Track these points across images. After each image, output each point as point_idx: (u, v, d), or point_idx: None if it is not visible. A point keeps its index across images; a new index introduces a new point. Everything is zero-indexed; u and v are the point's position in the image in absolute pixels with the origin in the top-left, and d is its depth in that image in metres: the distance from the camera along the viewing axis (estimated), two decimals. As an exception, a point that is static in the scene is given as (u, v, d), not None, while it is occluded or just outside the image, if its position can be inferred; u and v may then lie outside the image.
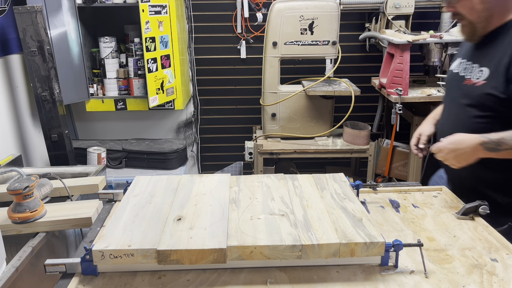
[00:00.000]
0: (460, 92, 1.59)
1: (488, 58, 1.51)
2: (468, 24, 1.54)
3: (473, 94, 1.52)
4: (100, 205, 1.52)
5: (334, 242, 1.11)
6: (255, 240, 1.12)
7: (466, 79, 1.57)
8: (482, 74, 1.51)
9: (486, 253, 1.23)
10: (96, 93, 3.09)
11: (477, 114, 1.52)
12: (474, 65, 1.56)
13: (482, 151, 1.42)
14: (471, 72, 1.55)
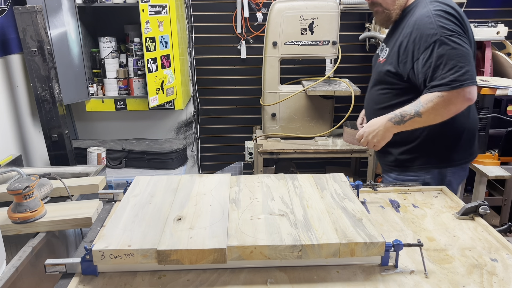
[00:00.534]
0: (374, 71, 1.88)
1: (392, 39, 1.77)
2: (383, 11, 1.76)
3: (378, 70, 1.81)
4: (100, 205, 1.52)
5: (334, 242, 1.11)
6: (255, 240, 1.12)
7: (378, 58, 1.85)
8: (385, 53, 1.79)
9: (486, 253, 1.23)
10: (96, 93, 3.09)
11: (380, 87, 1.82)
12: (386, 47, 1.83)
13: (393, 126, 1.66)
14: (384, 52, 1.82)
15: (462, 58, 1.55)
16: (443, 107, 1.56)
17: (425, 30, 1.59)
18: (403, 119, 1.64)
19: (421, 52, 1.60)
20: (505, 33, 2.89)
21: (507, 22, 3.05)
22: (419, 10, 1.67)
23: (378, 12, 1.79)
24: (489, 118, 2.37)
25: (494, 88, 2.35)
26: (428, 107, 1.58)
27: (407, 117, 1.63)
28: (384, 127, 1.68)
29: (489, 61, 2.92)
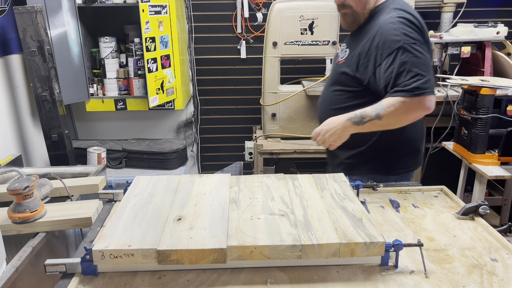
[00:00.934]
0: (333, 70, 1.87)
1: (354, 42, 1.74)
2: (351, 14, 1.72)
3: (336, 70, 1.80)
4: (100, 205, 1.52)
5: (334, 242, 1.11)
6: (255, 240, 1.12)
7: (338, 58, 1.83)
8: (345, 54, 1.77)
9: (486, 253, 1.23)
10: (96, 93, 3.09)
11: (336, 88, 1.80)
12: (347, 48, 1.80)
13: (351, 126, 1.62)
14: (341, 52, 1.82)
15: (424, 66, 1.55)
16: (404, 113, 1.56)
17: (389, 36, 1.58)
18: (362, 120, 1.60)
19: (384, 57, 1.59)
20: (505, 33, 2.89)
21: (507, 22, 3.05)
22: (383, 15, 1.65)
23: (346, 15, 1.74)
24: (489, 118, 2.37)
25: (494, 88, 2.35)
26: (389, 111, 1.55)
27: (367, 118, 1.59)
28: (343, 126, 1.63)
29: (489, 61, 2.92)
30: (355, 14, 1.71)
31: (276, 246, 1.10)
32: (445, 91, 2.84)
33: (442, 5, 3.20)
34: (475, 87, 2.39)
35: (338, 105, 1.77)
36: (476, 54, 2.96)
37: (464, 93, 2.52)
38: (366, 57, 1.65)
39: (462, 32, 2.93)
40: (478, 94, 2.36)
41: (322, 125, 1.69)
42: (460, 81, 2.51)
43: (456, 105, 2.67)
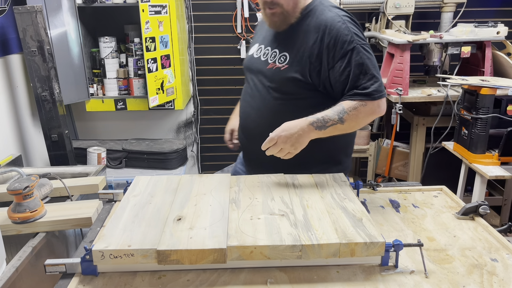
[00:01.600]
0: (265, 76, 1.64)
1: (289, 44, 1.59)
2: (281, 13, 1.55)
3: (278, 77, 1.60)
4: (100, 205, 1.52)
5: (334, 242, 1.11)
6: (255, 240, 1.12)
7: (269, 63, 1.62)
8: (285, 59, 1.59)
9: (486, 253, 1.23)
10: (96, 93, 3.09)
11: (280, 96, 1.61)
12: (274, 50, 1.63)
13: (314, 131, 1.47)
14: (274, 57, 1.62)
15: (375, 68, 1.53)
16: (365, 116, 1.51)
17: (340, 37, 1.49)
18: (325, 125, 1.47)
19: (337, 59, 1.50)
20: (505, 33, 2.89)
21: (507, 22, 3.05)
22: (324, 14, 1.54)
23: (275, 14, 1.55)
24: (489, 118, 2.37)
25: (494, 88, 2.35)
26: (351, 114, 1.48)
27: (329, 122, 1.47)
28: (305, 132, 1.45)
29: (489, 61, 2.92)
30: (285, 13, 1.54)
31: (276, 246, 1.10)
32: (445, 91, 2.84)
33: (442, 5, 3.20)
34: (475, 87, 2.39)
35: (288, 114, 1.53)
36: (476, 54, 2.96)
37: (464, 93, 2.52)
38: (317, 60, 1.53)
39: (462, 32, 2.93)
40: (478, 94, 2.36)
41: (279, 131, 1.45)
42: (460, 81, 2.51)
43: (456, 105, 2.67)
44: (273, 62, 1.61)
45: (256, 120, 1.68)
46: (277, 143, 1.44)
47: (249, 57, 1.75)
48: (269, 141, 1.44)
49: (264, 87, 1.65)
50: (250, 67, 1.73)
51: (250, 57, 1.74)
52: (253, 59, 1.71)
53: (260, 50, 1.69)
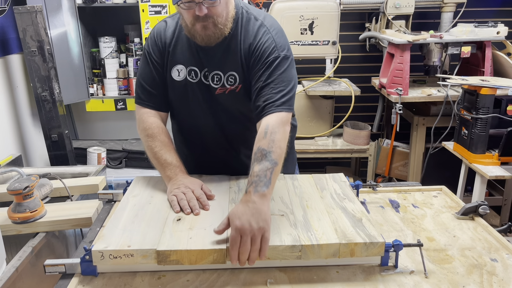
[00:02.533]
0: (218, 103, 1.50)
1: (228, 63, 1.45)
2: (214, 26, 1.37)
3: (238, 101, 1.48)
4: (100, 205, 1.52)
5: (334, 243, 1.11)
6: (255, 240, 1.12)
7: (217, 88, 1.47)
8: (234, 79, 1.46)
9: (486, 253, 1.23)
10: (96, 93, 3.09)
11: (246, 119, 1.51)
12: (213, 72, 1.46)
13: (263, 195, 1.17)
14: (219, 81, 1.47)
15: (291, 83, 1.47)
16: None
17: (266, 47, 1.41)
18: (271, 182, 1.21)
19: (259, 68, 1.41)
20: (505, 33, 2.89)
21: (507, 22, 3.05)
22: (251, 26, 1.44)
23: (208, 27, 1.36)
24: (489, 118, 2.37)
25: (494, 88, 2.35)
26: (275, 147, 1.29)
27: (273, 176, 1.22)
28: (267, 207, 1.16)
29: (489, 61, 2.92)
30: (220, 25, 1.37)
31: (276, 246, 1.10)
32: (445, 91, 2.84)
33: (442, 5, 3.20)
34: (475, 87, 2.39)
35: (250, 138, 1.37)
36: (476, 54, 2.96)
37: (464, 93, 2.52)
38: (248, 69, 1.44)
39: (462, 32, 2.93)
40: (478, 94, 2.36)
41: (246, 220, 1.09)
42: (460, 81, 2.51)
43: (456, 105, 2.67)
44: (220, 85, 1.47)
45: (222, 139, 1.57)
46: (242, 238, 1.08)
47: (179, 83, 1.51)
48: (234, 239, 1.08)
49: (225, 118, 1.53)
50: (186, 95, 1.52)
51: (180, 83, 1.50)
52: (190, 84, 1.50)
53: (191, 72, 1.49)
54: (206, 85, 1.49)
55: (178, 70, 1.50)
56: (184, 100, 1.54)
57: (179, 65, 1.49)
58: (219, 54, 1.45)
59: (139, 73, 1.57)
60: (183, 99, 1.54)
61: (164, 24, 1.52)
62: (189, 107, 1.55)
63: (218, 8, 1.35)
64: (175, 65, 1.49)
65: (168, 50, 1.49)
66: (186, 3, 1.31)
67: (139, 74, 1.57)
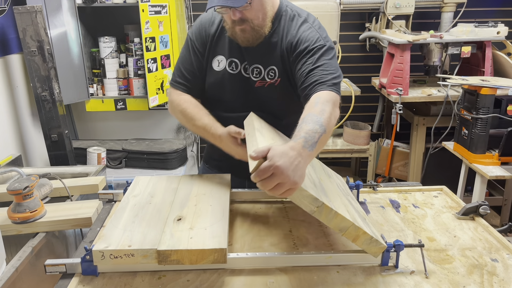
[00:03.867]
0: (255, 97, 1.52)
1: (269, 57, 1.48)
2: (252, 29, 1.40)
3: (276, 94, 1.50)
4: (100, 205, 1.52)
5: (348, 219, 1.09)
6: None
7: (256, 80, 1.50)
8: (274, 73, 1.49)
9: (487, 253, 1.23)
10: (96, 93, 3.09)
11: (278, 117, 1.51)
12: (254, 65, 1.49)
13: (309, 155, 1.10)
14: (259, 74, 1.49)
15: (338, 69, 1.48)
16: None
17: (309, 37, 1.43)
18: (315, 140, 1.13)
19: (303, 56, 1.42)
20: (506, 33, 2.90)
21: (507, 22, 3.05)
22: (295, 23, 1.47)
23: (246, 30, 1.40)
24: (489, 118, 2.37)
25: (494, 88, 2.35)
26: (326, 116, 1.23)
27: (316, 135, 1.13)
28: (304, 159, 1.07)
29: (490, 61, 2.92)
30: (256, 28, 1.41)
31: (302, 189, 1.04)
32: (445, 91, 2.84)
33: (443, 5, 3.20)
34: (475, 87, 2.39)
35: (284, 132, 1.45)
36: (476, 54, 2.96)
37: (464, 93, 2.52)
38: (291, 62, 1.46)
39: (463, 32, 2.93)
40: (479, 94, 2.36)
41: (275, 157, 1.01)
42: (460, 81, 2.51)
43: (456, 105, 2.67)
44: (259, 79, 1.50)
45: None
46: (273, 175, 1.01)
47: (222, 72, 1.53)
48: (263, 172, 1.01)
49: (260, 110, 1.51)
50: (229, 85, 1.54)
51: (223, 72, 1.53)
52: (230, 75, 1.52)
53: (232, 64, 1.52)
54: (246, 78, 1.52)
55: (219, 61, 1.53)
56: (220, 91, 1.56)
57: (220, 55, 1.53)
58: (261, 49, 1.48)
59: (180, 57, 1.59)
60: (220, 90, 1.56)
61: (211, 14, 1.56)
62: (225, 99, 1.57)
63: (252, 12, 1.37)
64: (217, 55, 1.53)
65: (212, 40, 1.53)
66: (220, 8, 1.34)
67: (179, 58, 1.59)
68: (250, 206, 1.50)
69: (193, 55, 1.55)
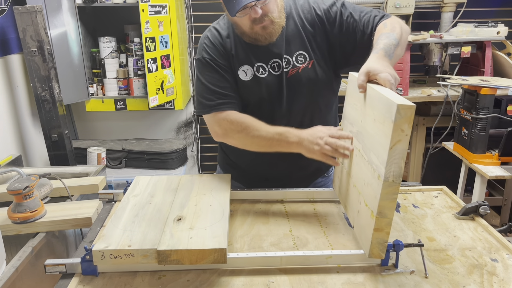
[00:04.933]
0: (292, 89, 1.52)
1: (292, 45, 1.50)
2: (271, 23, 1.42)
3: (314, 75, 1.51)
4: (100, 205, 1.52)
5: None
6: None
7: (288, 70, 1.50)
8: (304, 57, 1.50)
9: (487, 253, 1.23)
10: (96, 93, 3.09)
11: (323, 93, 1.55)
12: (283, 58, 1.50)
13: (389, 63, 1.24)
14: (288, 63, 1.50)
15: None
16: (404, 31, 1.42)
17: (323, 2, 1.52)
18: (392, 51, 1.28)
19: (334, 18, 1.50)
20: (505, 33, 2.89)
21: (507, 22, 3.05)
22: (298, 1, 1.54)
23: (267, 27, 1.42)
24: (489, 118, 2.37)
25: (494, 88, 2.35)
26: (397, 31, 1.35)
27: (392, 47, 1.29)
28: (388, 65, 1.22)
29: (489, 61, 2.92)
30: (276, 20, 1.43)
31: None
32: (445, 91, 2.84)
33: (442, 5, 3.20)
34: (475, 87, 2.39)
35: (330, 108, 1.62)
36: (476, 54, 2.96)
37: (464, 93, 2.52)
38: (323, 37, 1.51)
39: (462, 32, 2.93)
40: (479, 94, 2.36)
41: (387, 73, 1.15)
42: (460, 81, 2.51)
43: (456, 105, 2.67)
44: (290, 67, 1.50)
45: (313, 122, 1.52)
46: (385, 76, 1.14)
47: (261, 79, 1.51)
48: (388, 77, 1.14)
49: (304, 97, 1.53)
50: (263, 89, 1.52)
51: (261, 79, 1.51)
52: (265, 80, 1.51)
53: (259, 68, 1.51)
54: (276, 75, 1.51)
55: (245, 71, 1.51)
56: (255, 97, 1.54)
57: (245, 65, 1.51)
58: (280, 42, 1.49)
59: (203, 83, 1.51)
60: (255, 98, 1.54)
61: (215, 31, 1.53)
62: (261, 102, 1.55)
63: (270, 5, 1.40)
64: (241, 66, 1.51)
65: (231, 53, 1.51)
66: (241, 11, 1.34)
67: (206, 83, 1.50)
68: (250, 206, 1.50)
69: (222, 72, 1.50)
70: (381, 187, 1.02)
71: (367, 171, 1.12)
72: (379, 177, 1.04)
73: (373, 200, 1.07)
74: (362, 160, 1.17)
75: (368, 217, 1.09)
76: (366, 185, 1.12)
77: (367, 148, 1.15)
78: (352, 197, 1.26)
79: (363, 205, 1.13)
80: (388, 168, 1.02)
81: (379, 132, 1.07)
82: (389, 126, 1.00)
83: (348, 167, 1.31)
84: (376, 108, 1.10)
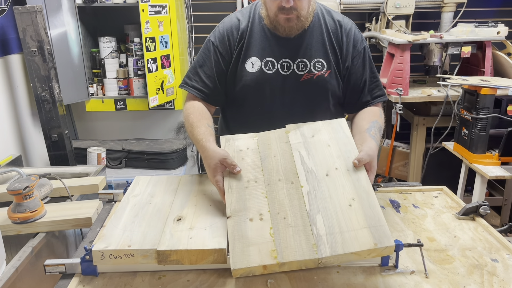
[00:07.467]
0: (299, 92, 1.54)
1: (313, 50, 1.54)
2: (297, 18, 1.46)
3: (327, 84, 1.55)
4: (100, 205, 1.52)
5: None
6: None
7: (303, 74, 1.53)
8: (322, 65, 1.54)
9: (487, 253, 1.23)
10: (96, 93, 3.09)
11: (328, 104, 1.60)
12: (298, 60, 1.53)
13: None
14: (305, 67, 1.53)
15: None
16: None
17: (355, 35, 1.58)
18: (379, 139, 1.49)
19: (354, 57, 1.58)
20: (506, 33, 2.89)
21: (507, 22, 3.05)
22: (333, 15, 1.59)
23: (291, 19, 1.45)
24: (489, 118, 2.37)
25: (494, 88, 2.35)
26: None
27: (378, 135, 1.49)
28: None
29: (490, 61, 2.91)
30: (302, 18, 1.47)
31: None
32: (445, 91, 2.84)
33: (443, 5, 3.20)
34: (475, 87, 2.39)
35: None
36: (476, 54, 2.96)
37: (464, 93, 2.52)
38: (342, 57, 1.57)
39: (463, 32, 2.92)
40: (479, 94, 2.36)
41: (368, 157, 1.33)
42: (460, 81, 2.51)
43: (456, 105, 2.66)
44: (305, 72, 1.53)
45: None
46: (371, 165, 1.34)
47: (264, 75, 1.53)
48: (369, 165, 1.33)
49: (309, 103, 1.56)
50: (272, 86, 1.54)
51: (264, 74, 1.53)
52: (272, 76, 1.53)
53: (268, 64, 1.53)
54: (284, 75, 1.54)
55: (252, 62, 1.54)
56: (256, 91, 1.56)
57: (253, 57, 1.54)
58: (302, 43, 1.53)
59: (197, 60, 1.59)
60: (256, 90, 1.56)
61: (236, 20, 1.57)
62: (261, 98, 1.57)
63: (303, 2, 1.43)
64: (249, 57, 1.54)
65: (241, 44, 1.54)
66: None
67: (197, 61, 1.59)
68: (250, 206, 1.50)
69: (214, 59, 1.55)
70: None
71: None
72: None
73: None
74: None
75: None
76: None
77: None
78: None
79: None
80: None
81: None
82: None
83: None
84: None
